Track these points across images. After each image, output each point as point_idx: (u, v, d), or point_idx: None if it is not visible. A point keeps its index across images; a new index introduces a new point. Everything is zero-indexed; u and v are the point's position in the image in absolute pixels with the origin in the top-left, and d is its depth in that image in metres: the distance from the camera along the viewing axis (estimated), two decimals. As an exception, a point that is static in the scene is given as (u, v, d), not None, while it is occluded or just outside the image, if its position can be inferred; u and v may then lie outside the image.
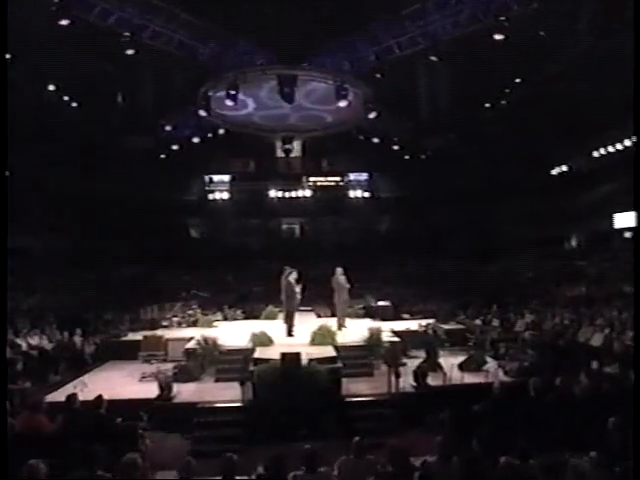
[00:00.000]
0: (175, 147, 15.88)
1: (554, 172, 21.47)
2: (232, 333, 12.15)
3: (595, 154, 21.20)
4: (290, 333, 11.56)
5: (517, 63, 15.01)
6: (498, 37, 11.82)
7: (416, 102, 14.84)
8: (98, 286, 19.11)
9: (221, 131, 14.38)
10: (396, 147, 16.69)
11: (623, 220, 18.68)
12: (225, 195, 27.32)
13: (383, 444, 5.62)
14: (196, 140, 14.20)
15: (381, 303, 14.61)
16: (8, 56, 11.95)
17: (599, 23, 11.88)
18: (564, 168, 21.10)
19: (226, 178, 27.74)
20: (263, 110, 12.79)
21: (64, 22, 10.44)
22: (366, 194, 27.84)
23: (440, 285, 20.11)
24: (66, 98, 14.86)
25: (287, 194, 27.51)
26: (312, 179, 28.26)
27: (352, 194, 27.76)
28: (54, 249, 20.17)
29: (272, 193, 27.51)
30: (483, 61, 14.03)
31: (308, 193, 27.77)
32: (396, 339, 11.13)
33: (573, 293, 16.05)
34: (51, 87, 13.89)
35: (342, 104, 11.02)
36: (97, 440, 5.48)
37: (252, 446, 7.11)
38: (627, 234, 18.77)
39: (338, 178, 28.53)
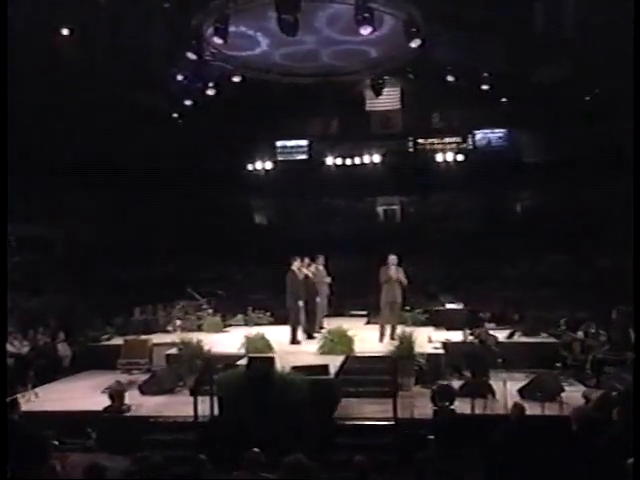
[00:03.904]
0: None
1: None
2: (235, 339, 13.07)
3: None
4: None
5: None
6: None
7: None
8: (127, 286, 21.30)
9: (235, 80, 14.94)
10: (485, 87, 15.95)
11: None
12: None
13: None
14: (217, 93, 14.87)
15: (450, 306, 14.50)
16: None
17: None
18: None
19: (302, 143, 28.27)
20: (282, 47, 13.17)
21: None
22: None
23: (585, 287, 19.41)
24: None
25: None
26: (420, 141, 27.66)
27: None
28: (77, 240, 22.60)
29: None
30: None
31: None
32: (440, 352, 11.26)
33: None
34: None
35: (365, 31, 11.18)
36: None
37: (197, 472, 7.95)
38: None
39: (457, 138, 27.71)
